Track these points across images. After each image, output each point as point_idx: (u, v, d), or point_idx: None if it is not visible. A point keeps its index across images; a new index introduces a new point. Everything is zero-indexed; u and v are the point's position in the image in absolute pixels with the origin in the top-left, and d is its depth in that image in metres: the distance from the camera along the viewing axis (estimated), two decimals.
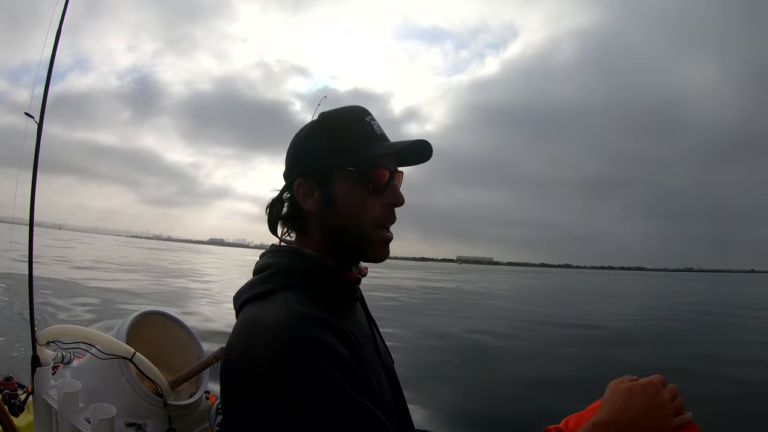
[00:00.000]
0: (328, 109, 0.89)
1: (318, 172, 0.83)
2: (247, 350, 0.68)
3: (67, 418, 1.11)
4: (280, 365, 0.63)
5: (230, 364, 0.71)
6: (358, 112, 0.85)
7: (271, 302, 0.74)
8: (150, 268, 19.00)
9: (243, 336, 0.71)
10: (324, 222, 0.84)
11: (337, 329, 0.71)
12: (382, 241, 0.84)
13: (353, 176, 0.81)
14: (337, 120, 0.85)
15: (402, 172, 0.89)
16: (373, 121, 0.85)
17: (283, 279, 0.79)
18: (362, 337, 0.81)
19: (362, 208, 0.82)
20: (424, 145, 0.85)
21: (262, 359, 0.65)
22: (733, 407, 3.81)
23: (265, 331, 0.67)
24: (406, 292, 16.52)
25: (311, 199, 0.83)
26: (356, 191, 0.81)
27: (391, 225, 0.86)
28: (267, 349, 0.65)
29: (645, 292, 24.73)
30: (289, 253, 0.85)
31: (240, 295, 0.82)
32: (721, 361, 5.79)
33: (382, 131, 0.86)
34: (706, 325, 10.12)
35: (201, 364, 1.24)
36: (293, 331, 0.66)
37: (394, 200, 0.84)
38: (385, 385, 0.81)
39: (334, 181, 0.82)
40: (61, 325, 1.31)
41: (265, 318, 0.70)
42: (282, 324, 0.67)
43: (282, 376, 0.63)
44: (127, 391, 1.14)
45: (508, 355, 6.29)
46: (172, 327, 1.41)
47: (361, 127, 0.83)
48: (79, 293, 8.84)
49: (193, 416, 1.25)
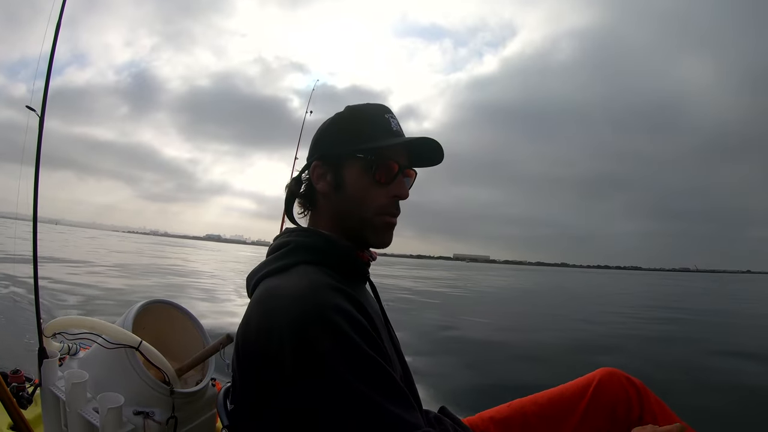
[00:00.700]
0: (354, 104, 0.94)
1: (332, 156, 0.89)
2: (269, 321, 0.70)
3: (76, 408, 1.12)
4: (304, 331, 0.66)
5: (249, 338, 0.73)
6: (378, 108, 0.91)
7: (291, 273, 0.78)
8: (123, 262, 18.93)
9: (263, 308, 0.73)
10: (333, 204, 0.90)
11: (356, 301, 0.74)
12: (384, 224, 0.89)
13: (362, 163, 0.86)
14: (358, 112, 0.91)
15: (415, 171, 0.95)
16: (392, 119, 0.91)
17: (301, 254, 0.83)
18: (375, 316, 0.83)
19: (367, 195, 0.87)
20: (433, 144, 0.90)
21: (285, 327, 0.67)
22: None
23: (288, 300, 0.70)
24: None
25: (324, 181, 0.90)
26: (363, 178, 0.87)
27: (394, 216, 0.90)
28: (291, 317, 0.67)
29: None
30: (305, 232, 0.90)
31: (255, 272, 0.85)
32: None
33: (399, 128, 0.91)
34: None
35: (207, 351, 1.25)
36: (316, 299, 0.69)
37: (399, 192, 0.89)
38: (397, 365, 0.84)
39: (345, 166, 0.88)
40: (66, 316, 1.32)
41: (287, 286, 0.73)
42: (305, 292, 0.70)
43: (306, 339, 0.65)
44: (135, 380, 1.14)
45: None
46: (177, 315, 1.41)
47: (378, 120, 0.89)
48: (77, 286, 8.90)
49: (200, 403, 1.25)
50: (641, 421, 1.03)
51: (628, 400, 1.06)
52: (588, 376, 1.14)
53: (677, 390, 3.71)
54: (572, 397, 1.11)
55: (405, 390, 0.68)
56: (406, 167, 0.91)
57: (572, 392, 1.12)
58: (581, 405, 1.08)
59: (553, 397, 1.13)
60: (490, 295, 16.59)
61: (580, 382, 1.14)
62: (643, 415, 1.04)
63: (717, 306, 14.79)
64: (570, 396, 1.11)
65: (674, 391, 3.62)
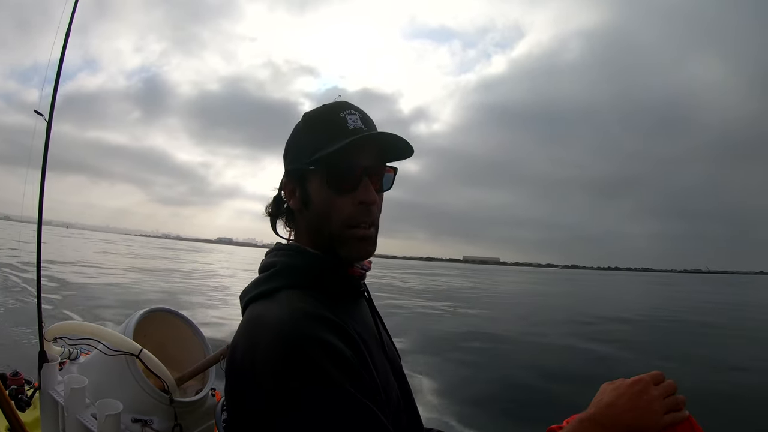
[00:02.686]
0: (311, 109, 0.87)
1: (294, 171, 0.84)
2: (250, 348, 0.69)
3: (74, 413, 1.12)
4: (281, 364, 0.64)
5: (234, 362, 0.72)
6: (334, 108, 0.82)
7: (274, 301, 0.75)
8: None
9: (247, 334, 0.72)
10: (306, 220, 0.84)
11: (339, 328, 0.71)
12: (355, 238, 0.81)
13: (319, 174, 0.79)
14: (311, 118, 0.84)
15: (391, 167, 0.86)
16: (350, 115, 0.81)
17: (287, 277, 0.80)
18: (366, 335, 0.80)
19: (332, 207, 0.80)
20: (390, 136, 0.80)
21: (264, 357, 0.66)
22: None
23: (268, 329, 0.68)
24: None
25: (294, 198, 0.85)
26: (324, 190, 0.80)
27: (367, 223, 0.81)
28: (269, 348, 0.66)
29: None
30: (291, 251, 0.85)
31: (245, 293, 0.83)
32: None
33: (359, 125, 0.80)
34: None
35: (207, 361, 1.25)
36: (295, 330, 0.67)
37: (363, 198, 0.79)
38: (391, 383, 0.81)
39: (308, 180, 0.82)
40: (68, 321, 1.32)
41: (268, 317, 0.71)
42: (284, 323, 0.68)
43: (283, 374, 0.64)
44: (134, 388, 1.14)
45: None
46: (179, 324, 1.42)
47: (329, 124, 0.80)
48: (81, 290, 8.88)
49: (199, 413, 1.26)
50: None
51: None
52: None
53: None
54: None
55: (384, 425, 0.65)
56: (374, 168, 0.81)
57: None
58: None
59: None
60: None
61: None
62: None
63: None
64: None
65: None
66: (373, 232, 0.83)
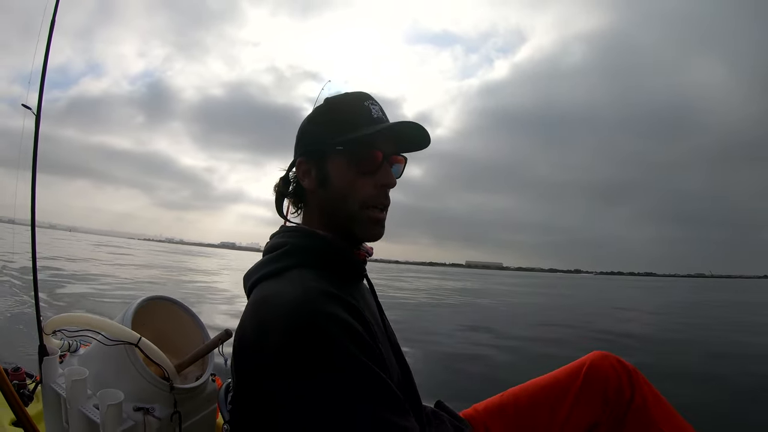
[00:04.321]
0: (333, 95, 0.91)
1: (315, 152, 0.87)
2: (263, 326, 0.69)
3: (76, 405, 1.12)
4: (297, 339, 0.65)
5: (245, 341, 0.72)
6: (358, 96, 0.87)
7: (285, 278, 0.76)
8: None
9: (259, 312, 0.72)
10: (320, 200, 0.88)
11: (350, 305, 0.72)
12: (370, 220, 0.86)
13: (344, 155, 0.84)
14: (336, 103, 0.88)
15: (404, 157, 0.92)
16: (372, 105, 0.86)
17: (297, 257, 0.81)
18: (371, 316, 0.82)
19: (352, 188, 0.84)
20: (415, 127, 0.86)
21: (279, 335, 0.66)
22: None
23: (283, 307, 0.69)
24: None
25: (309, 178, 0.88)
26: (347, 170, 0.84)
27: (383, 206, 0.87)
28: (285, 324, 0.66)
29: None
30: (300, 232, 0.88)
31: (251, 274, 0.84)
32: None
33: (380, 115, 0.86)
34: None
35: (206, 346, 1.25)
36: (310, 306, 0.68)
37: (385, 181, 0.85)
38: (394, 363, 0.83)
39: (328, 160, 0.85)
40: (66, 313, 1.32)
41: (281, 294, 0.72)
42: (299, 299, 0.69)
43: (300, 350, 0.64)
44: (134, 376, 1.14)
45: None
46: (177, 311, 1.41)
47: (357, 110, 0.85)
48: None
49: (200, 399, 1.26)
50: (632, 403, 1.04)
51: (619, 382, 1.06)
52: (580, 360, 1.15)
53: None
54: (564, 382, 1.12)
55: (399, 395, 0.67)
56: (392, 154, 0.88)
57: (565, 376, 1.13)
58: (573, 388, 1.09)
59: (546, 383, 1.14)
60: None
61: (573, 366, 1.15)
62: (634, 398, 1.04)
63: None
64: (562, 380, 1.12)
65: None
66: (385, 216, 0.89)
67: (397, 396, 0.66)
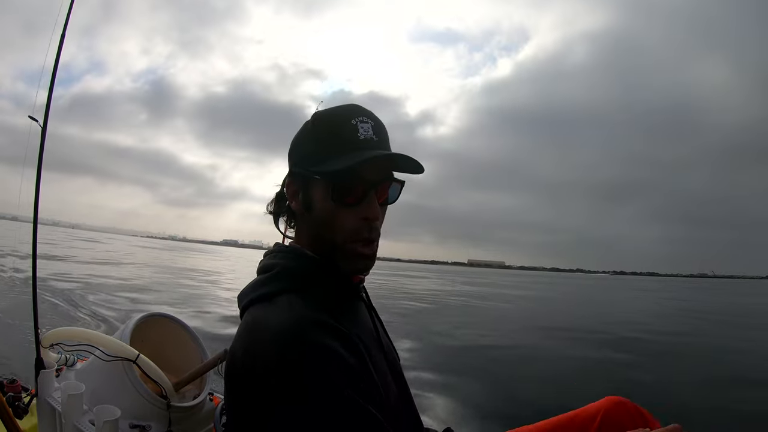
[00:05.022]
0: (324, 108, 0.83)
1: (299, 175, 0.82)
2: (252, 354, 0.68)
3: (71, 420, 1.12)
4: (283, 369, 0.64)
5: (235, 367, 0.71)
6: (345, 114, 0.79)
7: (275, 305, 0.75)
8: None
9: (248, 339, 0.71)
10: (307, 224, 0.84)
11: (342, 334, 0.71)
12: (354, 254, 0.80)
13: (324, 184, 0.78)
14: (320, 123, 0.81)
15: (400, 180, 0.84)
16: (362, 123, 0.78)
17: (287, 280, 0.79)
18: (366, 338, 0.81)
19: (335, 219, 0.79)
20: (401, 158, 0.79)
21: (267, 364, 0.66)
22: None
23: (271, 335, 0.68)
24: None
25: (296, 200, 0.84)
26: (327, 201, 0.78)
27: (370, 239, 0.81)
28: (273, 354, 0.66)
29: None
30: (291, 254, 0.84)
31: (244, 295, 0.82)
32: None
33: (369, 135, 0.78)
34: None
35: (205, 365, 1.25)
36: (297, 337, 0.67)
37: (367, 214, 0.78)
38: (390, 385, 0.82)
39: (311, 186, 0.80)
40: (64, 327, 1.32)
41: (271, 322, 0.70)
42: (288, 329, 0.68)
43: (288, 381, 0.64)
44: (131, 393, 1.14)
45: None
46: (176, 329, 1.41)
47: (339, 132, 0.78)
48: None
49: (197, 417, 1.26)
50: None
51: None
52: (595, 405, 1.12)
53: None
54: (579, 427, 1.09)
55: (386, 429, 0.65)
56: (379, 182, 0.80)
57: (579, 422, 1.10)
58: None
59: (560, 425, 1.12)
60: None
61: (587, 412, 1.12)
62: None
63: None
64: (577, 425, 1.09)
65: None
66: (375, 248, 0.83)
67: (381, 430, 0.64)
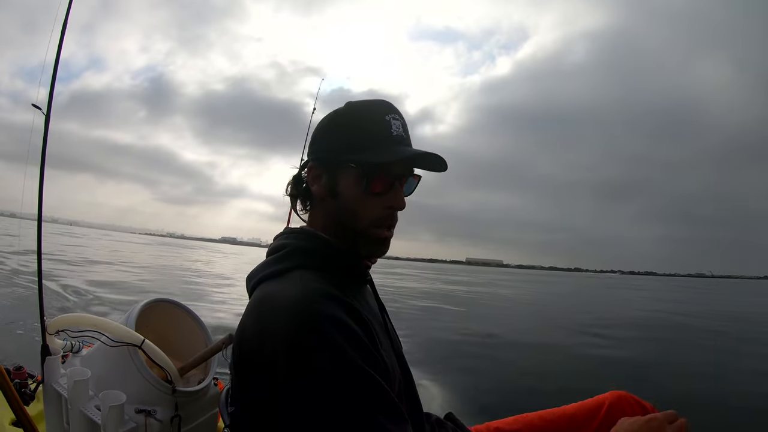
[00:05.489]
0: (357, 100, 0.88)
1: (327, 160, 0.85)
2: (263, 327, 0.69)
3: (78, 406, 1.12)
4: (296, 341, 0.64)
5: (245, 341, 0.72)
6: (379, 109, 0.84)
7: (286, 279, 0.76)
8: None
9: (259, 313, 0.72)
10: (328, 208, 0.86)
11: (351, 308, 0.72)
12: (377, 239, 0.85)
13: (355, 172, 0.81)
14: (355, 113, 0.85)
15: (418, 175, 0.89)
16: (394, 120, 0.83)
17: (298, 258, 0.81)
18: (373, 318, 0.82)
19: (361, 206, 0.82)
20: (434, 158, 0.85)
21: (278, 335, 0.66)
22: None
23: (282, 308, 0.68)
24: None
25: (318, 184, 0.86)
26: (357, 188, 0.82)
27: (391, 226, 0.86)
28: (284, 325, 0.66)
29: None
30: (303, 234, 0.87)
31: (254, 275, 0.83)
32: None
33: (400, 132, 0.83)
34: None
35: (209, 350, 1.24)
36: (310, 308, 0.67)
37: (394, 203, 0.84)
38: (395, 367, 0.82)
39: (339, 172, 0.83)
40: (70, 314, 1.32)
41: (282, 295, 0.71)
42: (298, 301, 0.68)
43: (298, 351, 0.64)
44: (137, 378, 1.14)
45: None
46: (180, 314, 1.41)
47: (375, 126, 0.82)
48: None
49: (202, 402, 1.25)
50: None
51: None
52: (598, 399, 1.13)
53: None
54: (581, 419, 1.09)
55: (396, 402, 0.66)
56: (405, 175, 0.86)
57: (582, 413, 1.10)
58: (591, 427, 1.07)
59: (563, 416, 1.12)
60: None
61: (591, 404, 1.12)
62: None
63: None
64: (579, 418, 1.10)
65: None
66: (392, 234, 0.87)
67: (393, 402, 0.65)
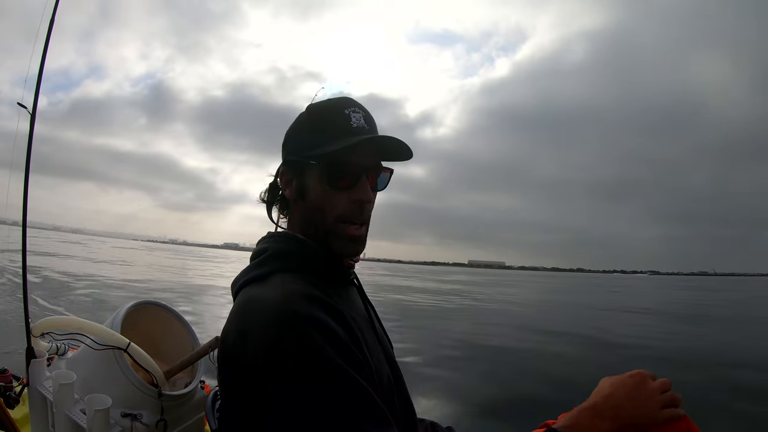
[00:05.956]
0: (316, 101, 0.88)
1: (294, 162, 0.86)
2: (243, 330, 0.70)
3: (63, 409, 1.11)
4: (275, 342, 0.65)
5: (227, 346, 0.72)
6: (339, 104, 0.84)
7: (267, 283, 0.77)
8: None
9: (241, 316, 0.73)
10: (300, 211, 0.87)
11: (331, 307, 0.72)
12: (346, 236, 0.84)
13: (318, 170, 0.83)
14: (316, 113, 0.85)
15: (389, 168, 0.89)
16: (354, 113, 0.83)
17: (279, 261, 0.81)
18: (358, 318, 0.82)
19: (327, 202, 0.83)
20: (391, 140, 0.83)
21: (257, 337, 0.66)
22: None
23: (262, 310, 0.69)
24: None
25: (290, 188, 0.88)
26: (321, 185, 0.83)
27: (360, 222, 0.85)
28: (262, 328, 0.67)
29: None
30: (282, 237, 0.88)
31: (237, 280, 0.84)
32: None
33: (361, 123, 0.83)
34: None
35: (196, 353, 1.24)
36: (288, 309, 0.68)
37: (360, 196, 0.83)
38: (384, 366, 0.82)
39: (305, 173, 0.85)
40: (55, 316, 1.31)
41: (263, 298, 0.72)
42: (278, 302, 0.69)
43: (277, 352, 0.64)
44: (122, 382, 1.13)
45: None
46: (167, 317, 1.41)
47: (335, 119, 0.83)
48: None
49: (189, 406, 1.25)
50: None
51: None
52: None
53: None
54: None
55: (379, 404, 0.66)
56: (372, 167, 0.85)
57: None
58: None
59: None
60: None
61: None
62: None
63: None
64: None
65: None
66: (364, 231, 0.87)
67: (375, 403, 0.65)
